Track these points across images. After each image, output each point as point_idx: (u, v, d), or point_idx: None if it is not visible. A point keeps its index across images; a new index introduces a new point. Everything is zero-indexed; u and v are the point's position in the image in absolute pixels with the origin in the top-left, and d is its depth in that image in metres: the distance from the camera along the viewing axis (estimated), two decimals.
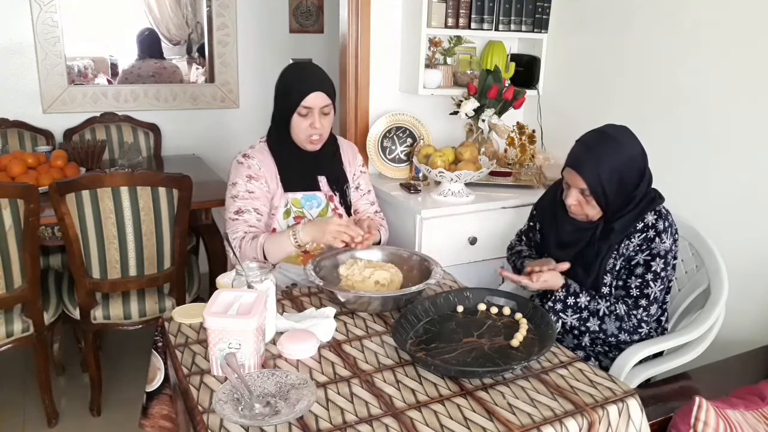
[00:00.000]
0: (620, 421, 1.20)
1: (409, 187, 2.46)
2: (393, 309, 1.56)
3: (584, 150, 1.60)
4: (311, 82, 1.80)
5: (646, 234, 1.60)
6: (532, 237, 1.91)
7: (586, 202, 1.62)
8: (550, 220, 1.79)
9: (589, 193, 1.59)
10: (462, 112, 2.47)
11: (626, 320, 1.61)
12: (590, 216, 1.65)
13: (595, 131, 1.63)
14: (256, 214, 1.83)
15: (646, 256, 1.60)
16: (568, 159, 1.64)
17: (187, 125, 3.66)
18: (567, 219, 1.71)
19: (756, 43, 1.91)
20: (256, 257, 1.74)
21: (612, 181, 1.57)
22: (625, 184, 1.59)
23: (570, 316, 1.63)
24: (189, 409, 1.17)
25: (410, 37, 2.57)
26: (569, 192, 1.64)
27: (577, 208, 1.64)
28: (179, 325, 1.46)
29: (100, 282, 2.23)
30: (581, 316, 1.63)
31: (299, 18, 3.85)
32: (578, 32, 2.58)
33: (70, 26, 3.26)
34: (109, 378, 2.55)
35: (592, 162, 1.57)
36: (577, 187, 1.61)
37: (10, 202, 2.00)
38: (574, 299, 1.62)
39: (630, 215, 1.60)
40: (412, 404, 1.17)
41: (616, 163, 1.56)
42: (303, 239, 1.72)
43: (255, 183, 1.84)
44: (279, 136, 1.89)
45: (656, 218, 1.61)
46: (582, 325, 1.64)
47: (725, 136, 2.02)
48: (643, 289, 1.61)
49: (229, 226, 1.82)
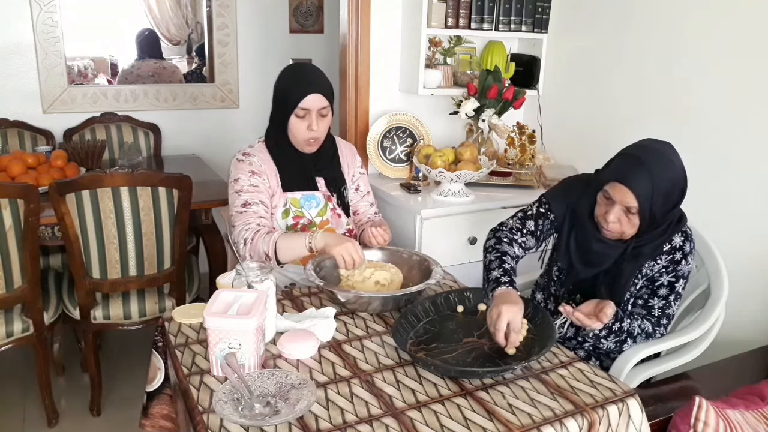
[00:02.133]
0: (620, 421, 1.20)
1: (409, 187, 2.46)
2: (393, 309, 1.56)
3: (636, 165, 1.43)
4: (309, 83, 1.79)
5: (673, 256, 1.54)
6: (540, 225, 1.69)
7: (628, 220, 1.48)
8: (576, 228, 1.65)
9: (636, 212, 1.45)
10: (462, 112, 2.46)
11: (652, 337, 1.58)
12: (626, 235, 1.52)
13: (642, 146, 1.49)
14: (263, 206, 1.82)
15: (671, 277, 1.56)
16: (613, 172, 1.48)
17: (187, 125, 3.66)
18: (595, 234, 1.57)
19: (756, 44, 1.91)
20: (267, 252, 1.70)
21: (661, 202, 1.45)
22: (669, 204, 1.48)
23: (610, 341, 1.55)
24: (189, 409, 1.17)
25: (410, 37, 2.57)
26: (612, 208, 1.48)
27: (616, 227, 1.50)
28: (179, 325, 1.46)
29: (100, 282, 2.23)
30: (620, 339, 1.55)
31: (299, 18, 3.85)
32: (578, 32, 2.58)
33: (70, 26, 3.26)
34: (109, 378, 2.55)
35: (647, 179, 1.42)
36: (624, 204, 1.45)
37: (10, 202, 2.00)
38: (619, 324, 1.53)
39: (661, 238, 1.53)
40: (412, 404, 1.17)
41: (668, 183, 1.44)
42: (317, 245, 1.67)
43: (258, 178, 1.84)
44: (277, 136, 1.88)
45: (683, 240, 1.55)
46: (618, 347, 1.57)
47: (725, 135, 2.02)
48: (665, 309, 1.57)
49: (238, 219, 1.79)
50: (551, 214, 1.68)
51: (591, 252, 1.59)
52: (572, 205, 1.66)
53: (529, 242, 1.70)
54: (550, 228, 1.71)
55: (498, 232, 1.70)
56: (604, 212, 1.51)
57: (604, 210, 1.52)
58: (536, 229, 1.69)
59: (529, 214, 1.72)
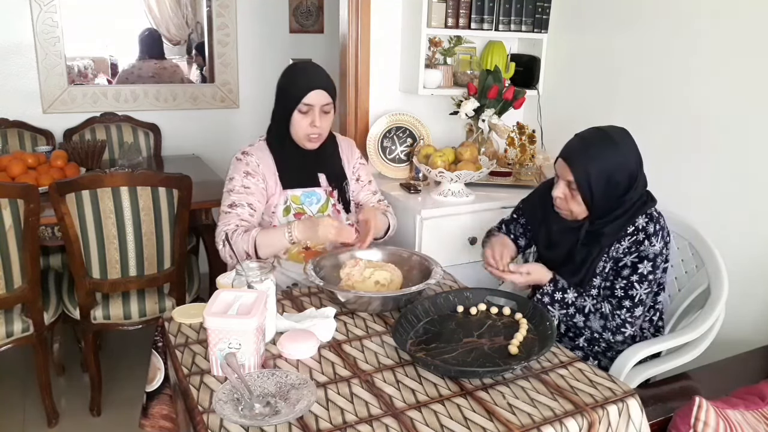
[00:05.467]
0: (620, 421, 1.20)
1: (409, 187, 2.46)
2: (393, 309, 1.56)
3: (579, 144, 1.62)
4: (313, 79, 1.82)
5: (636, 237, 1.60)
6: (512, 230, 1.93)
7: (572, 197, 1.62)
8: (539, 218, 1.81)
9: (575, 187, 1.60)
10: (462, 112, 2.47)
11: (610, 319, 1.61)
12: (575, 213, 1.65)
13: (596, 129, 1.64)
14: (249, 209, 1.84)
15: (634, 258, 1.61)
16: (562, 150, 1.65)
17: (187, 125, 3.66)
18: (555, 219, 1.73)
19: (757, 44, 1.91)
20: (247, 250, 1.75)
21: (600, 180, 1.57)
22: (613, 186, 1.59)
23: (557, 311, 1.66)
24: (189, 409, 1.17)
25: (410, 37, 2.57)
26: (558, 183, 1.65)
27: (563, 203, 1.65)
28: (179, 325, 1.46)
29: (100, 282, 2.23)
30: (567, 312, 1.65)
31: (299, 18, 3.85)
32: (578, 32, 2.58)
33: (70, 26, 3.26)
34: (109, 378, 2.55)
35: (585, 157, 1.58)
36: (564, 179, 1.62)
37: (10, 202, 2.00)
38: (562, 294, 1.64)
39: (620, 220, 1.61)
40: (412, 404, 1.17)
41: (608, 163, 1.57)
42: (298, 236, 1.74)
43: (251, 179, 1.85)
44: (279, 133, 1.90)
45: (647, 221, 1.61)
46: (569, 320, 1.67)
47: (725, 136, 2.01)
48: (628, 290, 1.61)
49: (222, 218, 1.83)
50: (522, 218, 1.90)
51: (553, 235, 1.75)
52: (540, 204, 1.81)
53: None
54: (524, 232, 1.90)
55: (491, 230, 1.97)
56: (554, 188, 1.66)
57: (555, 186, 1.67)
58: (509, 232, 1.92)
59: (506, 220, 1.97)
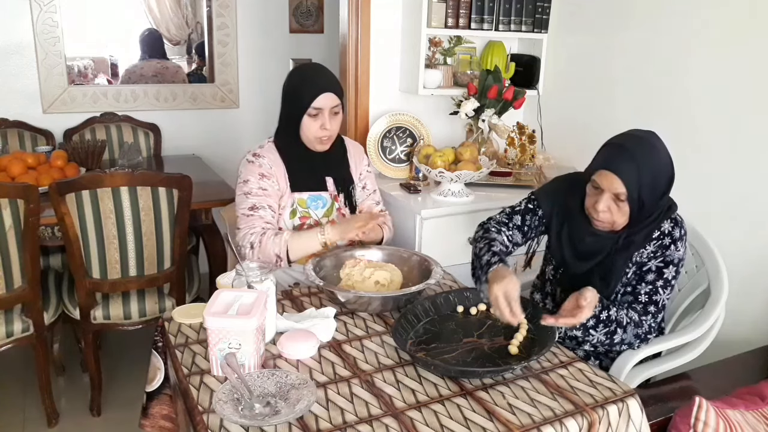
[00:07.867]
0: (620, 421, 1.20)
1: (409, 187, 2.46)
2: (393, 309, 1.56)
3: (623, 153, 1.46)
4: (321, 83, 1.81)
5: (662, 241, 1.54)
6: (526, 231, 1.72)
7: (618, 208, 1.49)
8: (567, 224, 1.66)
9: (625, 198, 1.47)
10: (462, 112, 2.46)
11: (640, 326, 1.54)
12: (617, 225, 1.53)
13: (629, 135, 1.52)
14: (271, 211, 1.84)
15: (659, 263, 1.54)
16: (599, 161, 1.51)
17: (187, 125, 3.66)
18: (587, 228, 1.59)
19: (757, 44, 1.91)
20: (278, 253, 1.76)
21: (649, 187, 1.47)
22: (657, 191, 1.49)
23: (600, 332, 1.49)
24: (189, 409, 1.17)
25: (410, 37, 2.57)
26: (601, 197, 1.49)
27: (607, 215, 1.51)
28: (179, 325, 1.45)
29: (100, 282, 2.23)
30: (609, 330, 1.50)
31: (299, 18, 3.85)
32: (578, 32, 2.58)
33: (70, 26, 3.26)
34: (109, 378, 2.55)
35: (632, 164, 1.44)
36: (612, 191, 1.47)
37: (10, 202, 2.00)
38: (607, 313, 1.48)
39: (651, 226, 1.53)
40: (412, 404, 1.17)
41: (654, 169, 1.46)
42: (331, 237, 1.78)
43: (267, 181, 1.85)
44: (288, 137, 1.89)
45: (672, 226, 1.55)
46: (609, 338, 1.51)
47: (726, 135, 2.02)
48: (653, 295, 1.54)
49: (243, 222, 1.81)
50: (539, 210, 1.71)
51: (584, 246, 1.61)
52: (561, 202, 1.68)
53: (516, 237, 1.72)
54: (539, 225, 1.73)
55: (486, 225, 1.74)
56: (594, 202, 1.52)
57: (593, 200, 1.53)
58: (523, 224, 1.72)
59: (517, 209, 1.75)
